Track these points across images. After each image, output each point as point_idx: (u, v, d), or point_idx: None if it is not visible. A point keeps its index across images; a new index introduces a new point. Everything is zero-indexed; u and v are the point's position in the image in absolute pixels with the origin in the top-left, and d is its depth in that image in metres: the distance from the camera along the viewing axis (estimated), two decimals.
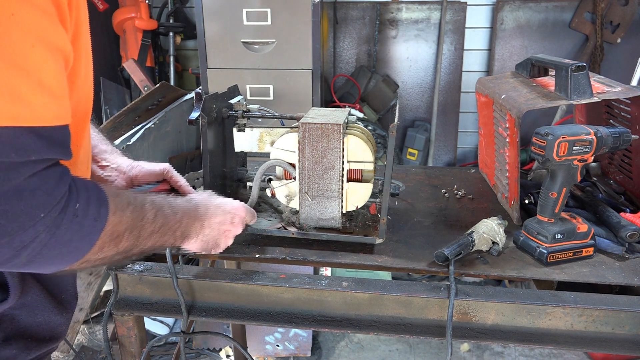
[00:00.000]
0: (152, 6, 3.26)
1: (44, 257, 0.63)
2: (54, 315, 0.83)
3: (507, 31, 3.16)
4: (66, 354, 2.24)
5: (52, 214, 0.61)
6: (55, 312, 0.83)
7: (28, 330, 0.79)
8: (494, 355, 2.53)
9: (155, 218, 0.78)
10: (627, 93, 1.21)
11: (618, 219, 1.19)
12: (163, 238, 0.81)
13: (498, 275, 1.09)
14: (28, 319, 0.79)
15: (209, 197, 0.98)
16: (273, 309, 1.11)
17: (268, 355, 2.45)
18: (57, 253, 0.64)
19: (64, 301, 0.85)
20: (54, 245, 0.62)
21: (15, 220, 0.58)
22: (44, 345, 0.82)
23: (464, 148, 3.45)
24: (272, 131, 1.27)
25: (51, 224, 0.61)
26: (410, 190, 1.52)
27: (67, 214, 0.62)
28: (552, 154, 1.05)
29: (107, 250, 0.70)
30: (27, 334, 0.79)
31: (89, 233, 0.66)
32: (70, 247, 0.65)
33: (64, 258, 0.66)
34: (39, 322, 0.80)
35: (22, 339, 0.78)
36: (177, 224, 0.85)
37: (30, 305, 0.79)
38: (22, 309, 0.78)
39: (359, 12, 3.23)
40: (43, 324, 0.81)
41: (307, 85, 2.52)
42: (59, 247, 0.63)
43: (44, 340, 0.82)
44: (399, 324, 1.08)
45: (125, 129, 1.99)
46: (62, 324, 0.85)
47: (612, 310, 1.00)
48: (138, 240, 0.75)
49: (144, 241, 0.76)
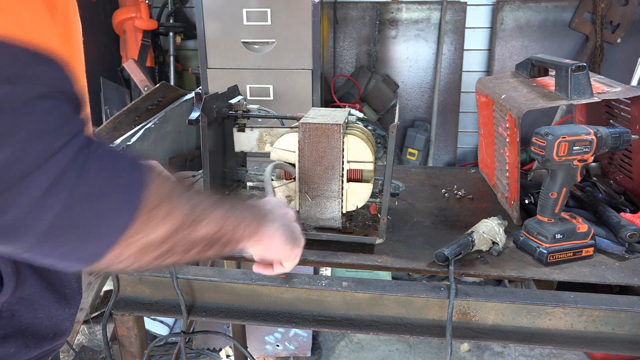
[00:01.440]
0: (152, 6, 3.27)
1: (77, 218, 0.49)
2: (55, 310, 0.78)
3: (507, 31, 3.16)
4: (66, 354, 2.24)
5: (71, 147, 0.49)
6: (58, 308, 0.78)
7: (29, 328, 0.74)
8: (494, 355, 2.53)
9: (204, 194, 0.65)
10: (627, 93, 1.20)
11: (618, 219, 1.19)
12: (228, 218, 0.65)
13: (498, 275, 1.09)
14: (29, 315, 0.74)
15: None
16: (273, 309, 1.11)
17: (268, 355, 2.45)
18: (93, 213, 0.50)
19: (67, 296, 0.79)
20: (85, 196, 0.50)
21: (24, 148, 0.46)
22: (46, 343, 0.78)
23: (464, 148, 3.45)
24: (272, 131, 1.27)
25: (73, 162, 0.49)
26: (410, 190, 1.52)
27: (90, 154, 0.50)
28: (552, 154, 1.05)
29: (158, 221, 0.55)
30: (28, 332, 0.74)
31: (126, 186, 0.53)
32: (107, 204, 0.51)
33: (103, 224, 0.51)
34: (41, 318, 0.76)
35: (22, 336, 0.74)
36: (234, 202, 0.71)
37: (30, 300, 0.73)
38: (21, 303, 0.72)
39: (359, 12, 3.23)
40: (45, 320, 0.76)
41: (307, 85, 2.52)
42: (92, 200, 0.50)
43: (46, 337, 0.77)
44: (399, 324, 1.08)
45: (125, 129, 1.99)
46: (66, 320, 0.81)
47: (612, 310, 1.00)
48: (196, 213, 0.59)
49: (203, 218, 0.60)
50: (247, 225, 0.70)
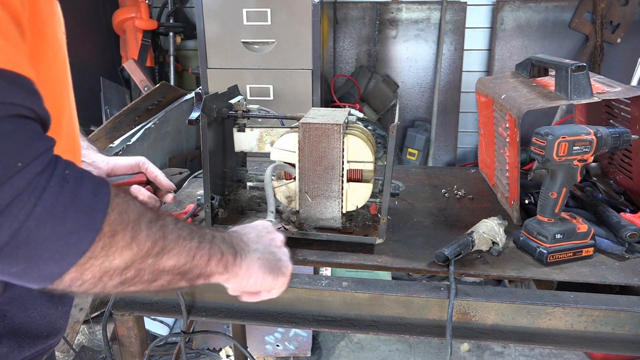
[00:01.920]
0: (152, 6, 3.27)
1: (34, 237, 0.49)
2: (48, 309, 0.76)
3: (507, 31, 3.16)
4: (66, 354, 2.24)
5: (33, 168, 0.49)
6: (50, 306, 0.77)
7: (22, 327, 0.73)
8: (494, 355, 2.53)
9: (177, 222, 0.63)
10: (627, 93, 1.20)
11: (618, 219, 1.19)
12: (199, 251, 0.63)
13: (498, 275, 1.09)
14: (21, 315, 0.73)
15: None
16: (273, 309, 1.11)
17: (268, 355, 2.45)
18: (50, 233, 0.49)
19: (60, 294, 0.77)
20: (44, 216, 0.49)
21: None
22: (40, 342, 0.76)
23: (464, 148, 3.45)
24: (272, 131, 1.27)
25: (34, 183, 0.48)
26: (410, 190, 1.52)
27: (54, 176, 0.50)
28: (552, 154, 1.05)
29: (121, 247, 0.54)
30: (21, 331, 0.73)
31: (87, 208, 0.51)
32: (66, 225, 0.50)
33: (60, 245, 0.50)
34: (34, 318, 0.75)
35: (15, 336, 0.72)
36: (210, 235, 0.67)
37: (21, 300, 0.72)
38: (12, 304, 0.71)
39: (359, 12, 3.23)
40: (38, 319, 0.75)
41: (307, 85, 2.52)
42: (50, 221, 0.49)
43: (40, 336, 0.76)
44: (399, 324, 1.08)
45: (125, 129, 1.99)
46: (59, 318, 0.79)
47: (612, 310, 1.00)
48: (164, 242, 0.58)
49: (171, 247, 0.59)
50: (219, 259, 0.67)
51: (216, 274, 0.68)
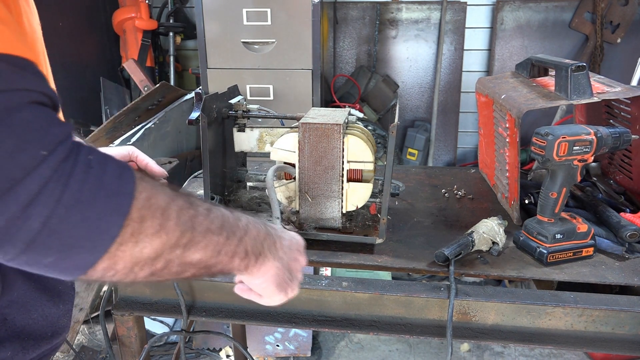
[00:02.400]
0: (152, 6, 3.26)
1: (65, 225, 0.48)
2: (50, 309, 0.75)
3: (507, 31, 3.16)
4: (66, 354, 2.24)
5: (57, 154, 0.48)
6: (52, 306, 0.76)
7: (25, 330, 0.72)
8: (494, 355, 2.53)
9: (209, 212, 0.62)
10: (627, 93, 1.21)
11: (618, 219, 1.19)
12: (225, 247, 0.63)
13: (498, 275, 1.09)
14: (23, 317, 0.72)
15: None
16: (273, 309, 1.11)
17: (268, 355, 2.45)
18: (80, 219, 0.49)
19: (60, 293, 0.77)
20: (72, 203, 0.48)
21: (10, 158, 0.46)
22: (45, 343, 0.76)
23: (464, 148, 3.45)
24: (272, 131, 1.27)
25: (60, 170, 0.48)
26: (410, 190, 1.52)
27: (78, 162, 0.49)
28: (552, 154, 1.05)
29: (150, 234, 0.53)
30: (24, 334, 0.72)
31: (114, 192, 0.51)
32: (95, 210, 0.49)
33: (91, 231, 0.50)
34: (36, 319, 0.73)
35: (18, 339, 0.71)
36: (242, 230, 0.67)
37: (21, 302, 0.71)
38: (12, 307, 0.70)
39: (359, 12, 3.23)
40: (40, 320, 0.74)
41: (307, 85, 2.52)
42: (79, 207, 0.48)
43: (44, 337, 0.75)
44: (399, 324, 1.08)
45: (125, 129, 1.99)
46: (62, 317, 0.78)
47: (612, 310, 1.00)
48: (192, 234, 0.57)
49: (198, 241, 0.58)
50: (243, 258, 0.67)
51: (236, 270, 0.68)
